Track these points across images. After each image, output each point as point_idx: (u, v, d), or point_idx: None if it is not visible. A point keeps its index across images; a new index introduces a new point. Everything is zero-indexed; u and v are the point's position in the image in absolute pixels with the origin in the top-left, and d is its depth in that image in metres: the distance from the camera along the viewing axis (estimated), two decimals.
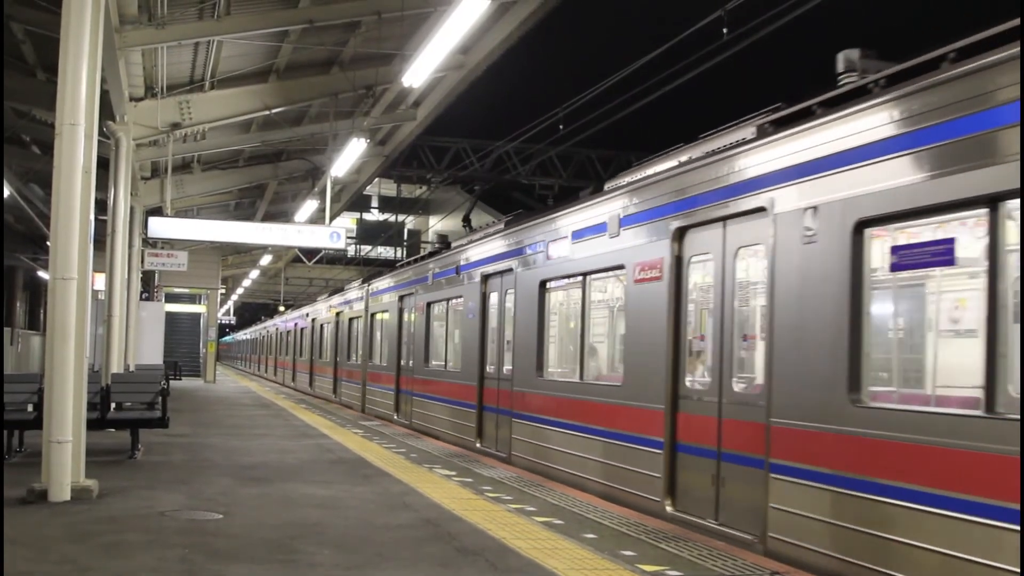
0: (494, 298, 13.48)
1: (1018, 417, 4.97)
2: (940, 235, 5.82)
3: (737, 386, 7.55)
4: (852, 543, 5.99)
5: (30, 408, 10.63)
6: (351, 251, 46.92)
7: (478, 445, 13.55)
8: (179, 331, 41.78)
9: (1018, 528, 4.88)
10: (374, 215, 52.94)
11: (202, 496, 8.62)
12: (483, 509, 8.31)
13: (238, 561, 6.12)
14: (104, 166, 12.48)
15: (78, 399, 8.31)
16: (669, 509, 8.14)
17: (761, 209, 7.16)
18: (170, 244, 25.30)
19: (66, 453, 8.02)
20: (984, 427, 5.20)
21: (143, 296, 28.29)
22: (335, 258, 45.74)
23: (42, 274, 32.31)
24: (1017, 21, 5.45)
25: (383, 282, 21.26)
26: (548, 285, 11.45)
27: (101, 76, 8.90)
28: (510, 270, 12.61)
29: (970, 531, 5.16)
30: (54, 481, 7.96)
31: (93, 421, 10.20)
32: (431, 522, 7.66)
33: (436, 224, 45.33)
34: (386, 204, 50.41)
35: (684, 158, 8.79)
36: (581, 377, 10.53)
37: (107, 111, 12.96)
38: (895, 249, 6.09)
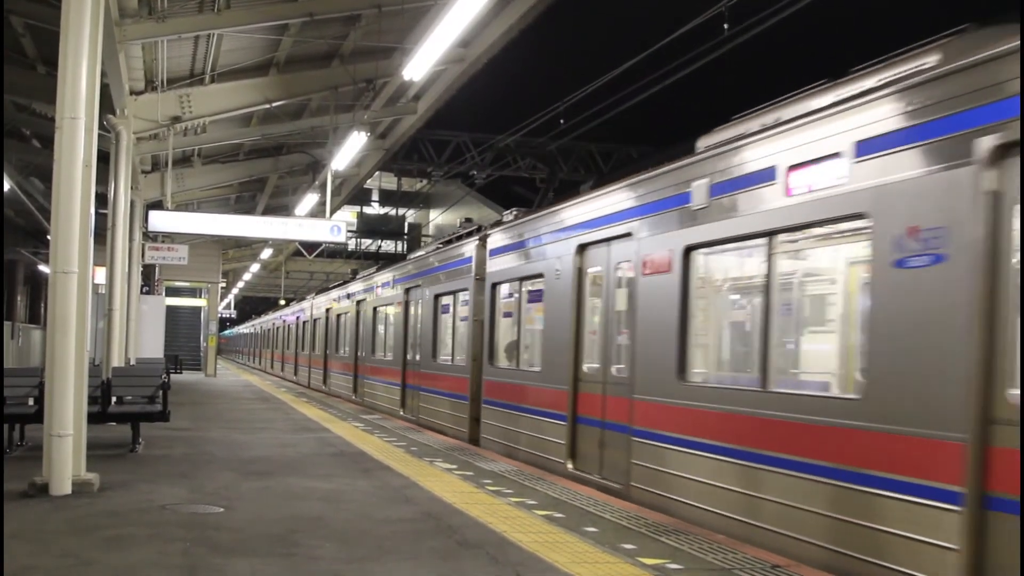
0: (361, 315, 22.92)
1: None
2: (525, 289, 12.29)
3: (409, 356, 17.71)
4: (507, 435, 12.28)
5: (31, 402, 10.64)
6: (351, 245, 46.89)
7: (353, 397, 22.73)
8: (180, 325, 41.79)
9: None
10: (375, 208, 52.89)
11: (203, 490, 8.63)
12: (484, 503, 8.32)
13: (240, 554, 6.13)
14: (104, 160, 12.46)
15: (79, 393, 8.32)
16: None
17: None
18: (171, 238, 25.32)
19: (67, 447, 8.03)
20: (528, 376, 11.68)
21: (144, 290, 28.27)
22: (335, 252, 45.77)
23: (43, 268, 32.33)
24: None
25: (321, 298, 30.50)
26: (376, 310, 21.22)
27: (101, 70, 8.88)
28: (365, 299, 22.37)
29: (534, 421, 11.36)
30: (55, 475, 7.97)
31: (94, 415, 10.19)
32: (432, 515, 7.67)
33: (436, 218, 45.33)
34: (387, 198, 50.36)
35: (429, 247, 18.39)
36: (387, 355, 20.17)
37: (107, 105, 12.95)
38: (504, 294, 13.19)
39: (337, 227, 19.08)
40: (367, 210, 53.18)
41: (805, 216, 6.62)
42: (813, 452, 6.35)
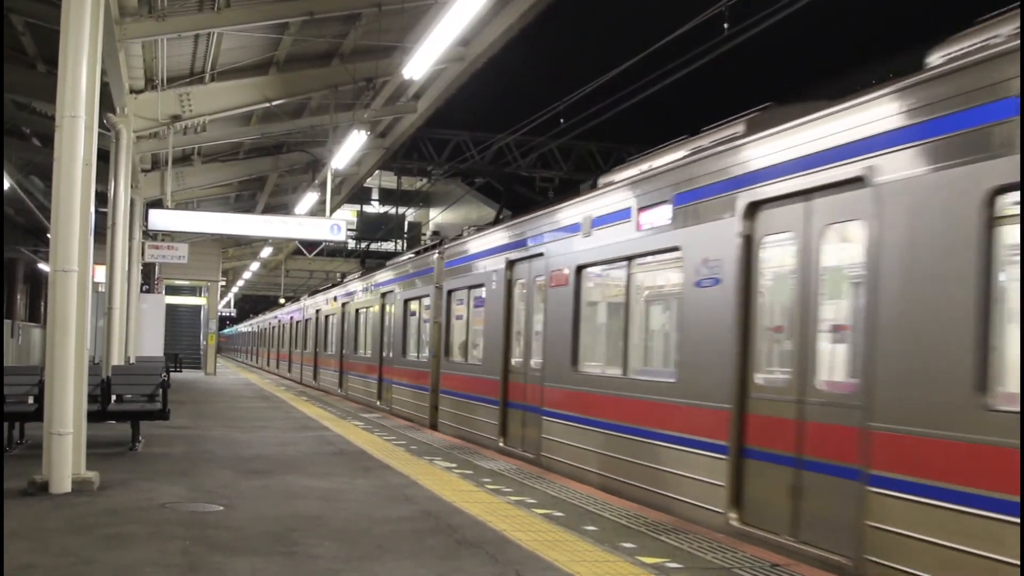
0: (346, 317, 25.43)
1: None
2: (479, 295, 13.97)
3: (385, 353, 20.13)
4: (458, 419, 14.43)
5: (31, 400, 10.63)
6: (351, 244, 46.88)
7: (339, 391, 25.37)
8: (180, 323, 41.79)
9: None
10: (375, 207, 52.85)
11: (203, 488, 8.64)
12: (483, 501, 8.33)
13: (239, 553, 6.14)
14: (104, 158, 12.46)
15: (79, 391, 8.32)
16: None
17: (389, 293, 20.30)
18: (170, 236, 25.30)
19: (67, 445, 8.03)
20: (473, 369, 13.90)
21: (144, 288, 28.27)
22: (335, 250, 45.75)
23: (43, 266, 32.32)
24: None
25: (312, 300, 33.98)
26: (358, 312, 24.01)
27: (101, 68, 8.88)
28: (349, 302, 25.06)
29: (476, 406, 13.49)
30: (55, 473, 7.97)
31: (94, 413, 10.21)
32: (431, 514, 7.67)
33: (436, 217, 45.33)
34: (387, 196, 50.32)
35: (403, 256, 21.15)
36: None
37: (107, 103, 12.94)
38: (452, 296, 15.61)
39: (337, 226, 19.07)
40: (367, 209, 53.15)
41: (648, 247, 8.88)
42: (649, 421, 8.62)
